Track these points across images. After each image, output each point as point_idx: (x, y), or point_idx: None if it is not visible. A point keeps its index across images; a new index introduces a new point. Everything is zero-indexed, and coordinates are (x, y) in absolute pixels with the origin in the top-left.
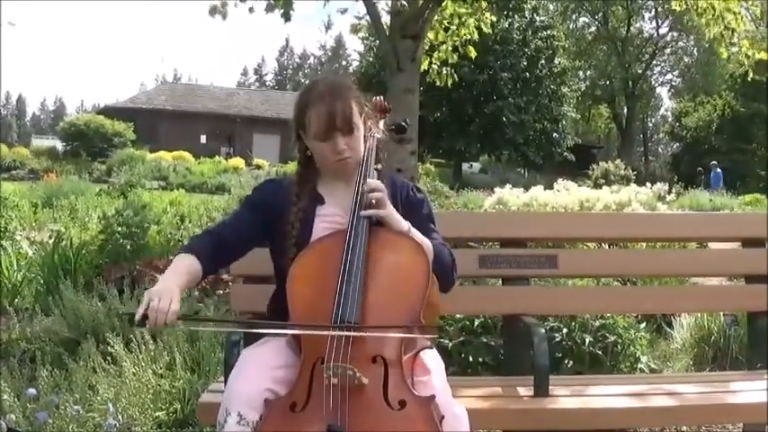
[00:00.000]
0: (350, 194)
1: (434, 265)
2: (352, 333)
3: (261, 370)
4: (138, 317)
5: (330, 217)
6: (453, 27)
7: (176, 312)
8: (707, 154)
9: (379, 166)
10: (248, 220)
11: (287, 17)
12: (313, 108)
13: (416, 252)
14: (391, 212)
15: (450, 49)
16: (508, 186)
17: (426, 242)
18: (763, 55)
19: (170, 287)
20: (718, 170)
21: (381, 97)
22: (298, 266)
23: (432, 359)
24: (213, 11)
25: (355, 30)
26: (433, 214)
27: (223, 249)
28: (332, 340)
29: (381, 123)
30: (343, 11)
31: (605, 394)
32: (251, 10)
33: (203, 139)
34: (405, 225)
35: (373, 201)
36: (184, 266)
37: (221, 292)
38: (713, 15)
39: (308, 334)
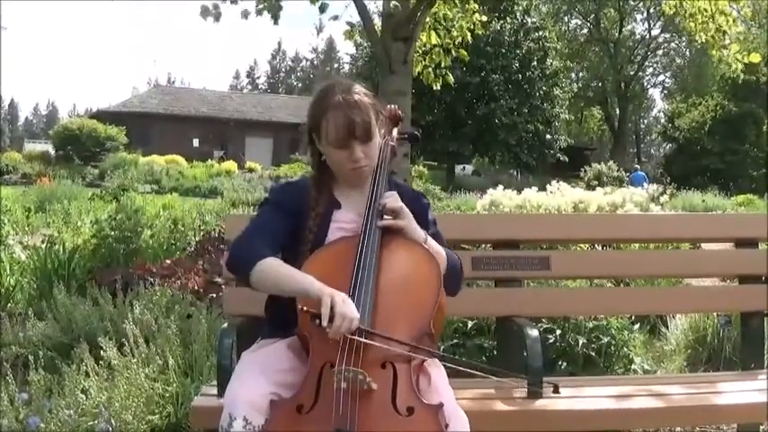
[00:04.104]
0: (365, 200)
1: (449, 274)
2: (363, 340)
3: (264, 374)
4: (325, 321)
5: (346, 223)
6: (442, 30)
7: (358, 319)
8: (700, 155)
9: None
10: (276, 222)
11: (275, 20)
12: (331, 115)
13: (428, 259)
14: (409, 223)
15: (442, 52)
16: (500, 188)
17: (441, 252)
18: (754, 57)
19: (343, 293)
20: (639, 173)
21: (396, 106)
22: (310, 267)
23: (434, 365)
24: (205, 12)
25: (349, 35)
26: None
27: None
28: (343, 344)
29: (395, 131)
30: (335, 17)
31: (599, 395)
32: (244, 13)
33: (196, 142)
34: (422, 235)
35: (386, 214)
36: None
37: (214, 295)
38: (703, 19)
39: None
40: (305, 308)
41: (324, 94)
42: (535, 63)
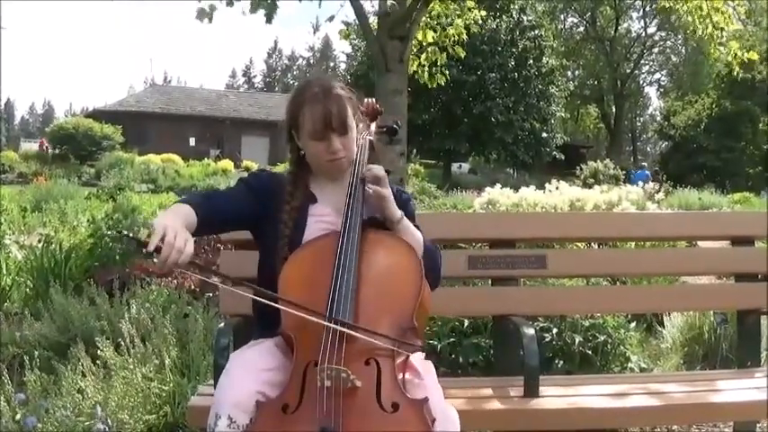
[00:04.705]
0: (342, 194)
1: (424, 259)
2: (345, 330)
3: (250, 373)
4: (151, 247)
5: (322, 216)
6: (440, 28)
7: (190, 255)
8: (696, 152)
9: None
10: (244, 198)
11: (269, 18)
12: (308, 108)
13: (409, 254)
14: (390, 195)
15: (437, 49)
16: (498, 186)
17: (417, 234)
18: (752, 55)
19: (182, 228)
20: (646, 171)
21: (374, 99)
22: (290, 268)
23: (422, 360)
24: (201, 14)
25: (345, 35)
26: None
27: (215, 217)
28: (325, 342)
29: (373, 125)
30: (331, 18)
31: (595, 394)
32: (242, 13)
33: (192, 141)
34: (398, 213)
35: (371, 181)
36: (185, 214)
37: (210, 294)
38: (700, 15)
39: (314, 321)
40: (130, 234)
41: (300, 90)
42: (531, 61)
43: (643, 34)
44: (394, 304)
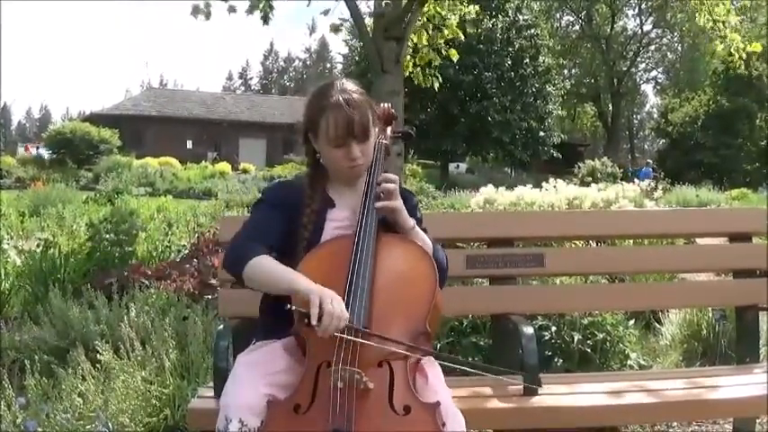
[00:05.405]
0: (358, 198)
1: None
2: (359, 340)
3: (259, 375)
4: (314, 320)
5: (340, 221)
6: (432, 30)
7: (347, 319)
8: (693, 149)
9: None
10: (275, 218)
11: (265, 20)
12: (331, 114)
13: (423, 258)
14: (402, 206)
15: (432, 51)
16: (490, 186)
17: (428, 242)
18: (756, 47)
19: (334, 293)
20: (650, 170)
21: (389, 104)
22: (306, 266)
23: (431, 363)
24: (196, 11)
25: (336, 29)
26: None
27: (274, 248)
28: (339, 343)
29: (388, 130)
30: (326, 12)
31: (595, 392)
32: (231, 9)
33: (189, 144)
34: (410, 222)
35: (382, 194)
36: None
37: (209, 297)
38: (701, 7)
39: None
40: (293, 307)
41: (322, 94)
42: (527, 60)
43: (639, 32)
44: (408, 308)
